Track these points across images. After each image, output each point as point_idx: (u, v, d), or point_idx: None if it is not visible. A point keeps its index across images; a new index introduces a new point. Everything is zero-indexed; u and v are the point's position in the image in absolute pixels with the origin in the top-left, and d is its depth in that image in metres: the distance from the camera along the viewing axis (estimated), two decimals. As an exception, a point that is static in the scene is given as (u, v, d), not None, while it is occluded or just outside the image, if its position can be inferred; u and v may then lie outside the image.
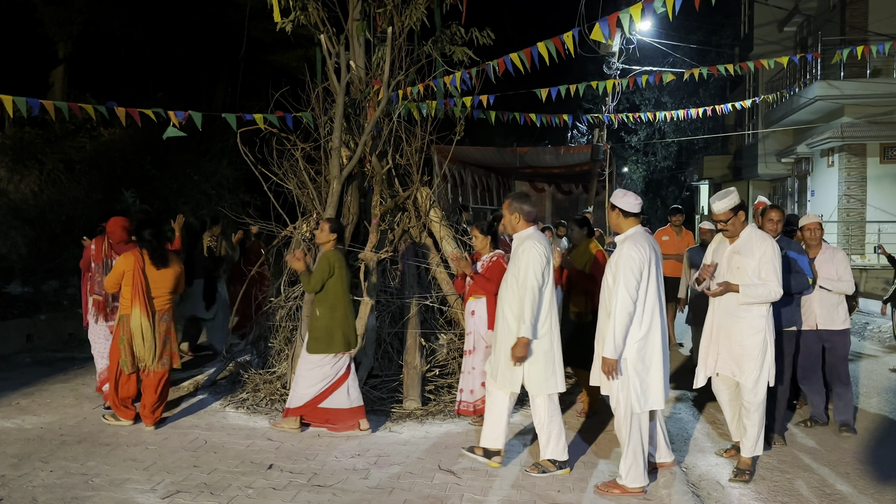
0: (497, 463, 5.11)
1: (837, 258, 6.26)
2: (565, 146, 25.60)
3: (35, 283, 10.67)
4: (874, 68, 17.78)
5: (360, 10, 7.49)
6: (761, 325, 4.98)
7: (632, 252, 4.57)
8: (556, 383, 4.93)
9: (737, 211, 5.07)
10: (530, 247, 4.83)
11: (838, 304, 6.21)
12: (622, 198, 4.80)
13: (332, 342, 5.77)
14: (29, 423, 6.10)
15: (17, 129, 12.85)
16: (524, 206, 4.99)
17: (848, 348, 6.31)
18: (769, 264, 4.96)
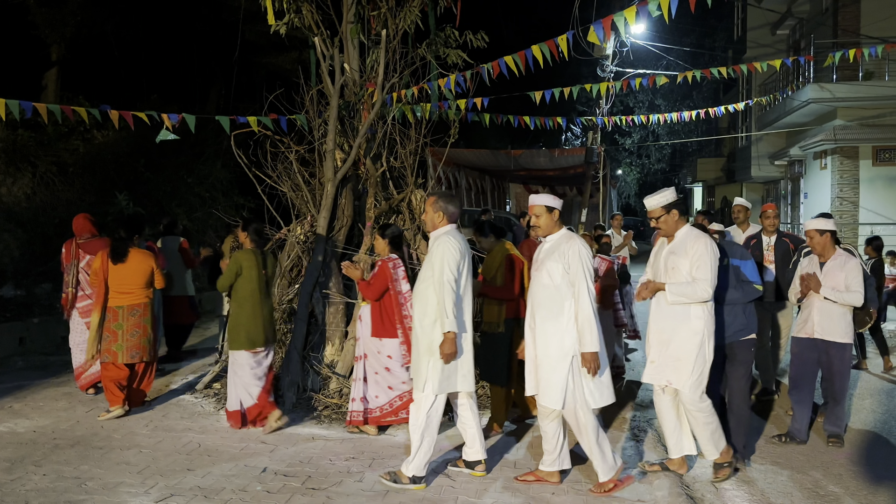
0: (480, 472, 5.00)
1: (849, 266, 5.77)
2: (559, 149, 25.66)
3: (28, 286, 10.62)
4: (866, 71, 17.86)
5: (355, 13, 7.50)
6: (699, 328, 4.83)
7: (583, 246, 4.70)
8: (452, 383, 4.81)
9: (670, 209, 4.95)
10: (444, 241, 4.77)
11: (842, 315, 5.77)
12: (554, 200, 4.86)
13: (237, 339, 5.96)
14: (22, 426, 6.07)
15: (9, 132, 12.81)
16: (449, 206, 4.93)
17: (847, 364, 5.85)
18: (701, 263, 4.79)
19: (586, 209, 17.04)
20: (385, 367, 5.81)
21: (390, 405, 5.84)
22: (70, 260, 7.15)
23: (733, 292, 5.27)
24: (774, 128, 22.00)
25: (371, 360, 5.84)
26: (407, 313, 5.71)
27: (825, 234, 5.85)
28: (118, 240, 6.45)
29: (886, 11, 17.94)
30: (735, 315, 5.31)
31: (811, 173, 20.95)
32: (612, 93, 16.91)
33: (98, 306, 6.37)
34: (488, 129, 11.94)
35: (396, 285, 5.74)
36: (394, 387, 5.81)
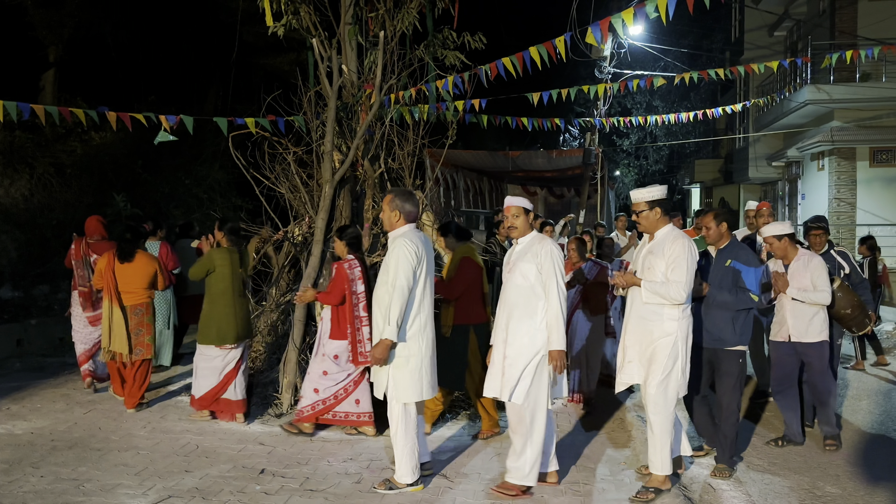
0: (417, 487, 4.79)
1: (812, 265, 5.76)
2: (557, 150, 25.66)
3: (25, 287, 10.61)
4: (863, 72, 17.90)
5: (352, 15, 7.50)
6: (672, 329, 4.68)
7: (555, 246, 4.74)
8: (417, 392, 4.69)
9: (653, 205, 4.84)
10: (401, 245, 4.63)
11: (813, 314, 5.72)
12: (529, 202, 4.93)
13: (207, 334, 6.17)
14: (19, 428, 6.07)
15: (7, 133, 12.80)
16: (406, 204, 4.78)
17: (825, 362, 5.78)
18: (677, 265, 4.65)
19: (584, 210, 17.03)
20: (323, 371, 5.84)
21: (324, 402, 5.84)
22: (80, 257, 7.43)
23: (726, 295, 5.11)
24: (772, 129, 22.03)
25: (323, 360, 5.89)
26: (358, 314, 5.71)
27: (783, 239, 5.81)
28: (125, 241, 6.70)
29: (883, 13, 17.99)
30: (723, 321, 5.13)
31: (809, 174, 20.99)
32: (609, 94, 16.91)
33: (116, 304, 6.58)
34: (486, 131, 11.93)
35: (353, 286, 5.75)
36: (332, 386, 5.84)
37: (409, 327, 4.66)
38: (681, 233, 4.85)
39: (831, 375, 5.89)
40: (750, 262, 5.17)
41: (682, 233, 4.87)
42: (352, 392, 5.83)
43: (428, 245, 4.86)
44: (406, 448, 4.70)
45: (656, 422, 4.71)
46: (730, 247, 5.27)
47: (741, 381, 5.27)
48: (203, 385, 6.24)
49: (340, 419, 5.86)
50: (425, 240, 4.86)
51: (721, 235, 5.29)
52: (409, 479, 4.72)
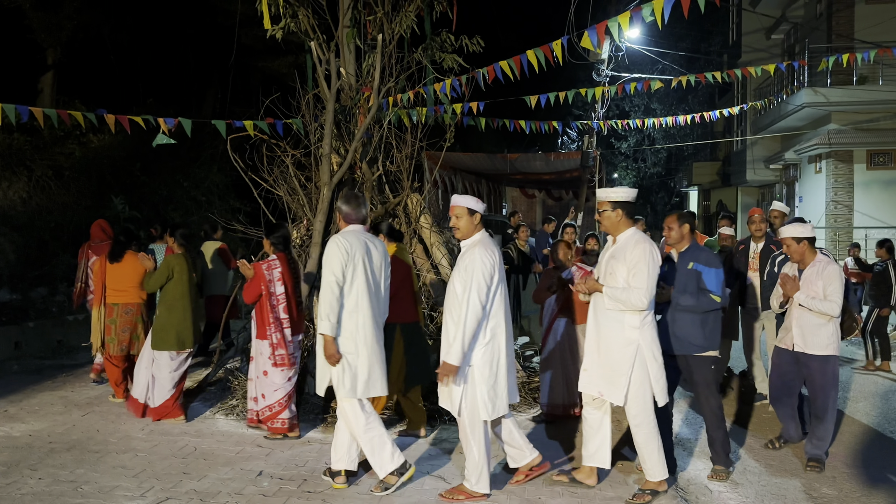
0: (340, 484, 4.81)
1: (827, 273, 5.39)
2: (555, 152, 25.68)
3: (23, 290, 10.61)
4: (860, 76, 17.95)
5: (351, 18, 7.52)
6: (633, 338, 4.56)
7: (484, 257, 4.49)
8: (360, 389, 4.71)
9: (616, 206, 4.72)
10: (331, 243, 4.73)
11: (821, 325, 5.38)
12: (477, 203, 4.69)
13: (166, 339, 6.20)
14: (17, 430, 6.07)
15: (5, 136, 12.80)
16: (343, 206, 4.89)
17: (829, 378, 5.39)
18: (638, 271, 4.54)
19: (582, 213, 17.04)
20: (264, 371, 5.88)
21: (269, 409, 5.86)
22: (81, 258, 7.97)
23: (689, 298, 4.98)
24: (769, 132, 22.08)
25: (258, 361, 5.93)
26: (278, 316, 5.78)
27: (802, 242, 5.50)
28: (117, 242, 6.98)
29: (880, 16, 18.05)
30: (692, 325, 5.00)
31: (806, 177, 21.03)
32: (607, 97, 16.94)
33: (97, 303, 7.00)
34: (484, 133, 11.95)
35: (271, 287, 5.78)
36: (276, 389, 5.85)
37: (346, 325, 4.69)
38: (643, 237, 4.73)
39: (835, 393, 5.47)
40: (710, 263, 5.03)
41: (646, 237, 4.75)
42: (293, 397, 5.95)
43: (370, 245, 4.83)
44: (369, 443, 4.71)
45: (639, 433, 4.66)
46: (691, 249, 5.13)
47: (716, 386, 5.19)
48: (161, 395, 6.27)
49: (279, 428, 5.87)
50: (367, 240, 4.84)
51: (682, 237, 5.15)
52: (389, 469, 4.71)
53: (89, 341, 7.26)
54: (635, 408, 4.63)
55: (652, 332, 4.64)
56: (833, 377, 5.43)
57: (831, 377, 5.41)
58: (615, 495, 4.79)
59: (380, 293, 4.88)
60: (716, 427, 5.17)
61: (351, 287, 4.69)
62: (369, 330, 4.76)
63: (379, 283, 4.88)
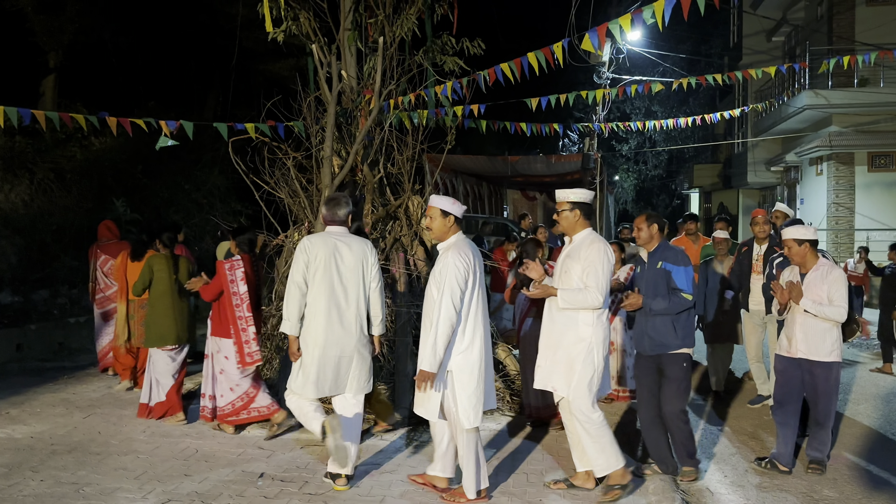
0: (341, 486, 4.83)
1: (832, 278, 5.25)
2: (556, 155, 25.70)
3: (25, 292, 10.62)
4: (861, 78, 17.97)
5: (352, 21, 7.53)
6: (586, 335, 4.60)
7: (457, 261, 4.44)
8: (309, 390, 4.76)
9: (574, 207, 4.74)
10: (298, 244, 4.85)
11: (826, 331, 5.25)
12: (453, 205, 4.65)
13: (150, 336, 6.44)
14: (19, 432, 6.08)
15: (7, 139, 12.82)
16: (322, 208, 5.03)
17: (832, 384, 5.29)
18: (592, 270, 4.57)
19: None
20: (220, 370, 6.01)
21: (232, 405, 6.00)
22: (91, 259, 8.28)
23: (661, 302, 4.92)
24: (770, 134, 22.09)
25: (216, 358, 6.04)
26: (242, 314, 5.90)
27: (804, 245, 5.34)
28: (140, 242, 7.32)
29: (881, 19, 18.07)
30: (664, 325, 4.96)
31: (807, 179, 21.04)
32: (608, 99, 16.96)
33: (123, 299, 7.26)
34: (485, 136, 11.96)
35: (233, 286, 5.91)
36: (234, 387, 5.98)
37: (307, 325, 4.79)
38: (598, 237, 4.77)
39: (835, 399, 5.39)
40: (679, 262, 4.97)
41: (600, 237, 4.79)
42: (262, 387, 6.10)
43: (342, 246, 4.84)
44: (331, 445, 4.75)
45: (587, 430, 4.65)
46: (659, 249, 5.07)
47: (686, 386, 5.10)
48: (159, 393, 6.41)
49: (255, 416, 6.03)
50: (340, 241, 4.85)
51: (651, 237, 5.08)
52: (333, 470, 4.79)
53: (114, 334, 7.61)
54: (584, 403, 4.62)
55: (605, 332, 4.68)
56: (836, 383, 5.34)
57: (834, 383, 5.31)
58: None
59: (350, 294, 4.83)
60: (679, 427, 5.07)
61: (311, 288, 4.77)
62: (326, 332, 4.77)
63: (351, 284, 4.83)
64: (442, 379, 4.46)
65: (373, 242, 7.16)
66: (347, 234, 4.98)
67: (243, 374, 5.97)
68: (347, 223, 5.02)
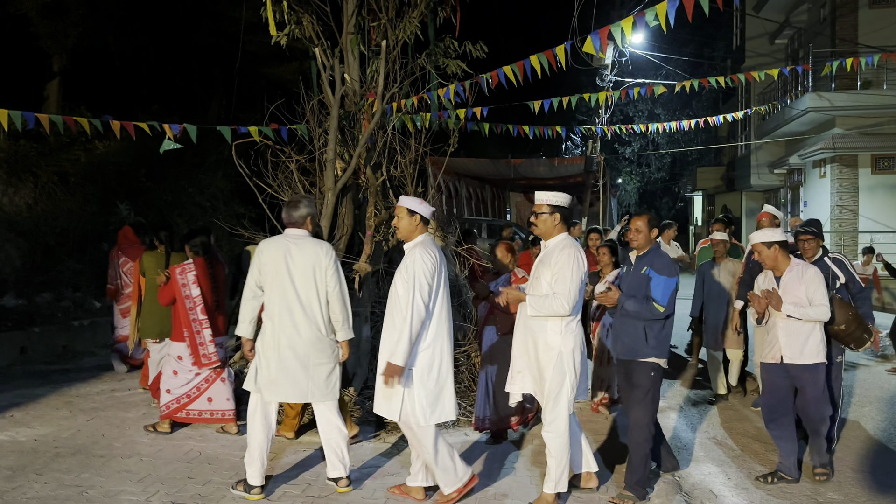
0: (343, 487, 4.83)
1: (808, 277, 5.09)
2: (559, 158, 25.72)
3: (29, 295, 10.64)
4: (864, 80, 17.96)
5: (355, 24, 7.55)
6: (555, 343, 4.50)
7: (425, 257, 4.44)
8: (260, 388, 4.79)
9: (554, 211, 4.65)
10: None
11: (809, 332, 5.08)
12: (421, 205, 4.64)
13: (141, 327, 6.80)
14: (23, 435, 6.09)
15: (11, 143, 12.86)
16: (283, 209, 5.03)
17: (820, 388, 5.14)
18: (561, 277, 4.47)
19: (586, 218, 17.07)
20: (173, 371, 6.15)
21: (177, 401, 6.13)
22: (112, 259, 8.58)
23: (633, 303, 4.77)
24: (773, 137, 22.08)
25: (169, 360, 6.22)
26: (196, 317, 6.00)
27: (773, 247, 5.17)
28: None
29: (884, 21, 18.06)
30: (635, 330, 4.79)
31: (810, 182, 21.01)
32: (611, 102, 16.98)
33: (134, 301, 7.34)
34: (488, 139, 11.98)
35: (185, 290, 6.01)
36: (183, 385, 6.13)
37: (263, 327, 4.82)
38: (572, 242, 4.65)
39: (827, 401, 5.28)
40: (661, 270, 4.75)
41: (574, 243, 4.66)
42: (204, 391, 6.13)
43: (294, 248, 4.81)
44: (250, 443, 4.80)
45: (553, 439, 4.54)
46: (649, 253, 4.90)
47: (653, 397, 4.84)
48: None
49: (195, 417, 6.15)
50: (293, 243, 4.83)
51: (648, 241, 4.93)
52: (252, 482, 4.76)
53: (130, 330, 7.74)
54: (551, 413, 4.54)
55: (575, 339, 4.55)
56: (823, 386, 5.18)
57: (822, 386, 5.16)
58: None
59: (303, 297, 4.77)
60: (636, 444, 4.81)
61: (266, 292, 4.80)
62: (278, 335, 4.76)
63: (304, 287, 4.77)
64: (403, 375, 4.43)
65: (376, 245, 7.20)
66: (305, 236, 4.91)
67: (195, 374, 6.12)
68: (307, 225, 4.97)
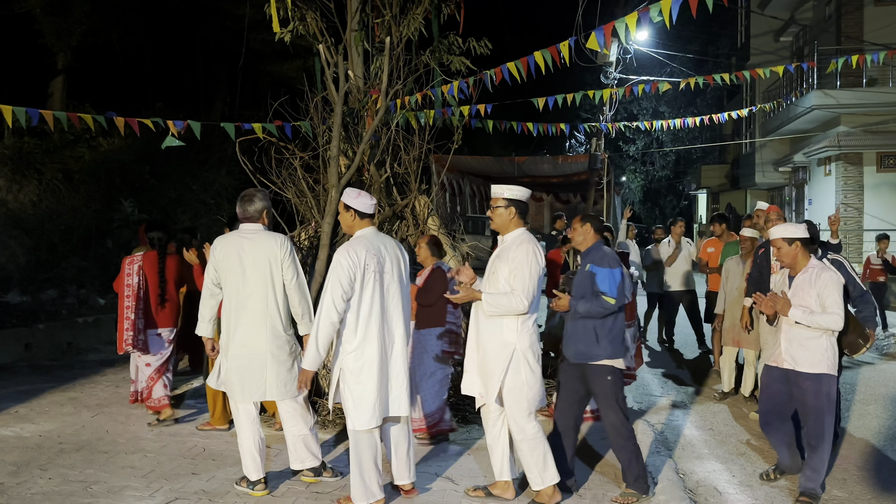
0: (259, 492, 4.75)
1: (822, 281, 4.67)
2: (563, 155, 25.70)
3: (33, 292, 10.68)
4: (870, 77, 17.90)
5: (359, 21, 7.54)
6: (510, 340, 4.35)
7: (342, 258, 4.29)
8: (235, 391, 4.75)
9: (510, 205, 4.50)
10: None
11: (815, 338, 4.70)
12: (356, 198, 4.49)
13: None
14: (27, 431, 6.11)
15: (16, 140, 12.90)
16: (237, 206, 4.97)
17: (823, 399, 4.67)
18: (518, 273, 4.32)
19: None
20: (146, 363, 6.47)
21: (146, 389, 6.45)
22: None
23: (583, 304, 4.62)
24: (778, 134, 22.02)
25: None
26: (128, 304, 6.32)
27: (794, 244, 4.80)
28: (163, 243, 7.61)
29: (889, 18, 18.00)
30: (585, 331, 4.64)
31: (815, 180, 20.96)
32: (615, 99, 16.94)
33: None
34: (492, 136, 11.97)
35: (128, 279, 6.44)
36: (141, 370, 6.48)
37: (223, 325, 4.79)
38: (529, 238, 4.48)
39: (830, 417, 4.75)
40: (603, 263, 4.64)
41: (531, 238, 4.50)
42: (157, 380, 6.42)
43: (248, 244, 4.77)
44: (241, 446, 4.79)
45: (520, 440, 4.43)
46: (590, 251, 4.78)
47: (620, 398, 4.71)
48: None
49: (153, 405, 6.39)
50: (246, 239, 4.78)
51: (585, 239, 4.81)
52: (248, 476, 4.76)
53: None
54: (515, 413, 4.42)
55: (531, 337, 4.42)
56: (828, 399, 4.70)
57: (826, 399, 4.68)
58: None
59: (256, 293, 4.70)
60: (620, 445, 4.71)
61: (224, 288, 4.77)
62: (234, 332, 4.72)
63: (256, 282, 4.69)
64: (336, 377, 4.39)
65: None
66: (259, 231, 4.82)
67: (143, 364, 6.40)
68: (263, 219, 4.89)
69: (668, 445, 6.03)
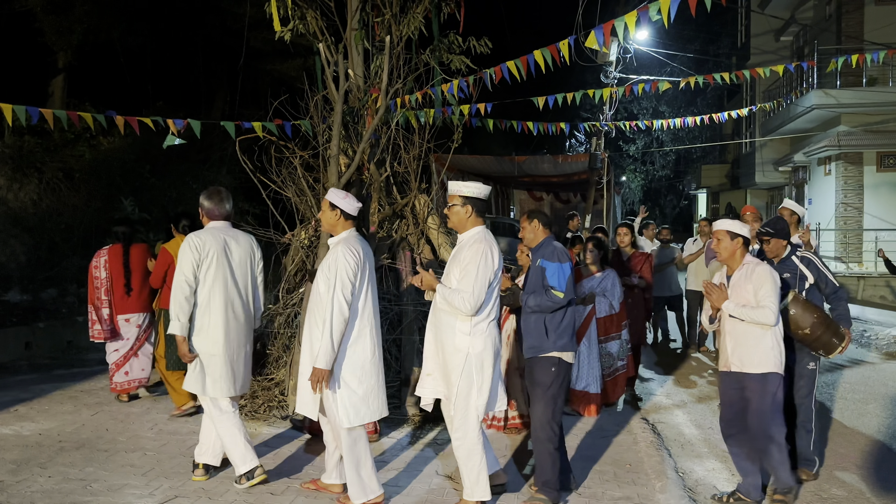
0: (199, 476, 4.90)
1: (756, 275, 4.58)
2: (563, 155, 25.68)
3: (34, 291, 10.68)
4: (870, 77, 17.90)
5: (359, 20, 7.54)
6: (462, 345, 4.27)
7: (347, 255, 4.31)
8: (209, 387, 4.74)
9: (466, 203, 4.42)
10: (183, 242, 4.81)
11: (758, 338, 4.55)
12: (343, 199, 4.53)
13: None
14: (27, 429, 6.11)
15: (16, 138, 12.89)
16: (205, 202, 5.11)
17: (767, 400, 4.54)
18: (467, 273, 4.24)
19: (590, 215, 17.03)
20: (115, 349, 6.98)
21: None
22: None
23: (534, 298, 4.62)
24: (778, 134, 22.02)
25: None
26: (100, 297, 6.83)
27: (737, 239, 4.69)
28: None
29: (890, 18, 18.00)
30: (536, 325, 4.62)
31: (815, 179, 20.96)
32: (615, 98, 16.92)
33: None
34: (492, 135, 11.96)
35: (96, 272, 6.87)
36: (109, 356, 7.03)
37: (200, 323, 4.75)
38: (483, 237, 4.38)
39: (777, 418, 4.61)
40: (552, 257, 4.61)
41: (486, 238, 4.39)
42: (122, 365, 6.92)
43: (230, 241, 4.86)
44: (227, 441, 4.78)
45: (460, 448, 4.35)
46: (541, 246, 4.76)
47: (554, 394, 4.57)
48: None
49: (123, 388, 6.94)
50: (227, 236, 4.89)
51: (535, 235, 4.80)
52: (241, 469, 4.76)
53: None
54: (458, 419, 4.34)
55: (485, 342, 4.30)
56: (773, 399, 4.56)
57: (771, 398, 4.55)
58: (622, 495, 4.79)
59: (242, 289, 4.86)
60: (540, 443, 4.57)
61: (203, 285, 4.73)
62: (226, 327, 4.75)
63: (242, 278, 4.85)
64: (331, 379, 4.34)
65: (380, 241, 7.20)
66: (231, 228, 5.00)
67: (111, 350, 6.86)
68: (231, 217, 5.05)
69: (667, 444, 6.04)
